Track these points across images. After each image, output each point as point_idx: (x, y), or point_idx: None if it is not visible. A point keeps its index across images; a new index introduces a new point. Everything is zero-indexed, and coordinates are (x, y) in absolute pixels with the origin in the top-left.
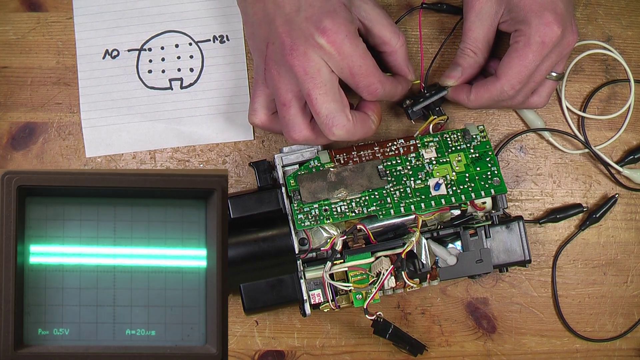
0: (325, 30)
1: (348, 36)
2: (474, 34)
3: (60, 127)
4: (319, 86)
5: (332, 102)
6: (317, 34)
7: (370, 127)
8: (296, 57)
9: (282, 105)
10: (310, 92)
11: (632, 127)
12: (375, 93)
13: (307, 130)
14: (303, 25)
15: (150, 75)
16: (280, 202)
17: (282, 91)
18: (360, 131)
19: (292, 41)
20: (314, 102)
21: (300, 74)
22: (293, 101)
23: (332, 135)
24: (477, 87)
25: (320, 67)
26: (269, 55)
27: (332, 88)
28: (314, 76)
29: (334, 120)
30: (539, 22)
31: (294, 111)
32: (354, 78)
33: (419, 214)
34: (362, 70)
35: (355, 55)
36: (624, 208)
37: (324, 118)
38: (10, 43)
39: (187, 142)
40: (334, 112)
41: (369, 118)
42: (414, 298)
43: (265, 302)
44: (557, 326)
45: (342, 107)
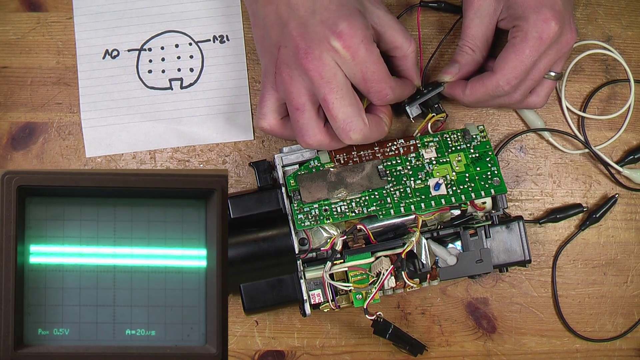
0: (342, 34)
1: (364, 41)
2: (472, 31)
3: (60, 127)
4: (335, 90)
5: (348, 107)
6: (332, 38)
7: (384, 129)
8: (311, 60)
9: (296, 109)
10: (326, 97)
11: (632, 127)
12: (385, 99)
13: (321, 134)
14: (318, 28)
15: (150, 75)
16: (280, 202)
17: (295, 95)
18: (375, 134)
19: (307, 44)
20: (330, 107)
21: (316, 78)
22: (307, 105)
23: (348, 140)
24: (472, 82)
25: (335, 71)
26: (281, 58)
27: (348, 92)
28: (330, 80)
29: (351, 125)
30: (537, 17)
31: (307, 115)
32: (365, 83)
33: (419, 214)
34: (375, 76)
35: (370, 61)
36: (624, 208)
37: (340, 122)
38: (10, 43)
39: (187, 142)
40: (351, 116)
41: (381, 120)
42: (414, 298)
43: (265, 302)
44: (557, 326)
45: (358, 111)
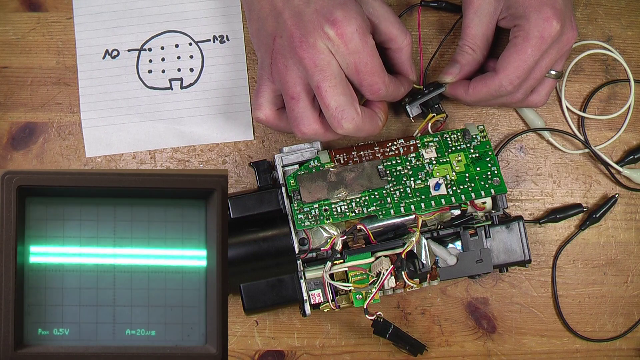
0: (336, 22)
1: (358, 30)
2: (472, 31)
3: (60, 127)
4: (329, 78)
5: (341, 95)
6: (326, 25)
7: (378, 124)
8: (305, 49)
9: (291, 98)
10: (319, 85)
11: (632, 127)
12: (377, 93)
13: (316, 123)
14: (313, 17)
15: (150, 75)
16: (280, 202)
17: (291, 84)
18: (368, 127)
19: (301, 33)
20: (323, 95)
21: (310, 66)
22: (302, 94)
23: (340, 129)
24: (475, 82)
25: (329, 59)
26: (276, 48)
27: (342, 81)
28: (324, 68)
29: (343, 113)
30: (538, 16)
31: (302, 104)
32: (358, 75)
33: (419, 214)
34: (368, 68)
35: (363, 52)
36: (624, 208)
37: (333, 111)
38: (10, 43)
39: (187, 142)
40: (343, 104)
41: (376, 115)
42: (414, 298)
43: (265, 302)
44: (557, 326)
45: (351, 100)
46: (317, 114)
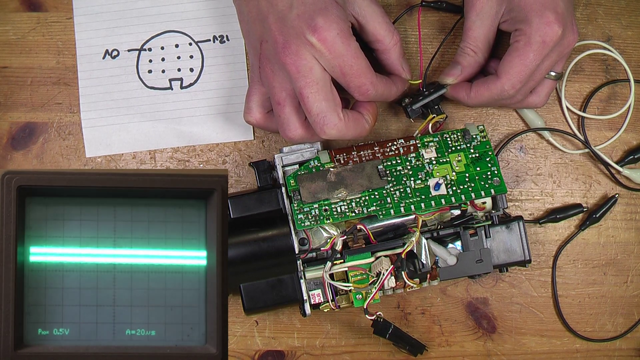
0: (317, 28)
1: (340, 34)
2: (474, 33)
3: (60, 127)
4: (311, 84)
5: (323, 101)
6: (308, 32)
7: (364, 127)
8: (288, 55)
9: (277, 103)
10: (302, 91)
11: (632, 127)
12: (366, 94)
13: (301, 128)
14: (295, 22)
15: (150, 75)
16: (280, 202)
17: (277, 90)
18: (352, 130)
19: (285, 39)
20: (305, 101)
21: (293, 72)
22: (287, 100)
23: (323, 134)
24: (477, 85)
25: (312, 65)
26: (263, 53)
27: (324, 87)
28: (306, 75)
29: (325, 119)
30: (540, 21)
31: (288, 110)
32: (344, 78)
33: (419, 214)
34: (354, 70)
35: (347, 55)
36: (624, 208)
37: (315, 117)
38: (10, 43)
39: (187, 142)
40: (325, 110)
41: (362, 117)
42: (414, 298)
43: (265, 302)
44: (557, 326)
45: (333, 105)
46: (302, 119)
